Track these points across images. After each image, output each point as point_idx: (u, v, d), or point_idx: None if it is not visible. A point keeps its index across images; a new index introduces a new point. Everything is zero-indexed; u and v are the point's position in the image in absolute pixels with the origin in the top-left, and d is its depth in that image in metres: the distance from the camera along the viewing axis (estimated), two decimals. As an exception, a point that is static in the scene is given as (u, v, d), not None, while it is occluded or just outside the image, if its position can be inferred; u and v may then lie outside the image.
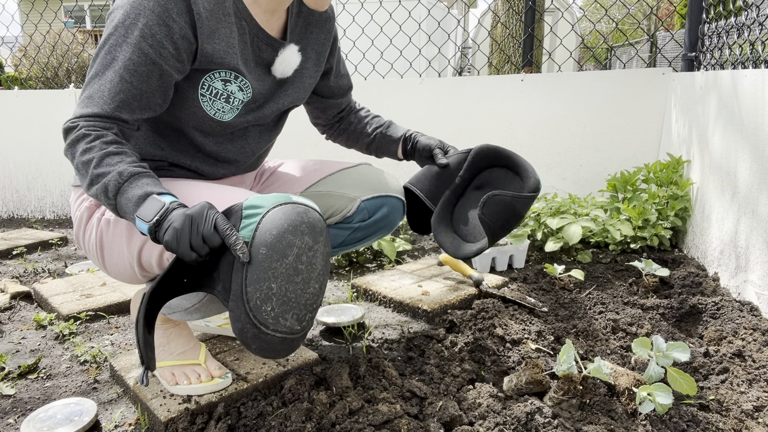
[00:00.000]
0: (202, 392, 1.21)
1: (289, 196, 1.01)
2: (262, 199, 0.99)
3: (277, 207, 0.97)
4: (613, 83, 2.83)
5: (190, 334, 1.33)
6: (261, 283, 0.93)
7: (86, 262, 2.40)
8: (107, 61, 1.06)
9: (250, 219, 0.97)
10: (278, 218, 0.96)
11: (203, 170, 1.28)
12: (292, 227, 0.96)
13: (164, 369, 1.26)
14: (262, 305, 0.94)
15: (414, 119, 3.05)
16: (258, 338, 0.95)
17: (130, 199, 0.99)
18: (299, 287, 0.97)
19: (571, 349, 1.20)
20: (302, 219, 0.98)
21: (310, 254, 0.98)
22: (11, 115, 3.36)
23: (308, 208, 1.01)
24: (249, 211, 0.97)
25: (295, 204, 0.99)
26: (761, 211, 1.63)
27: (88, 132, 1.04)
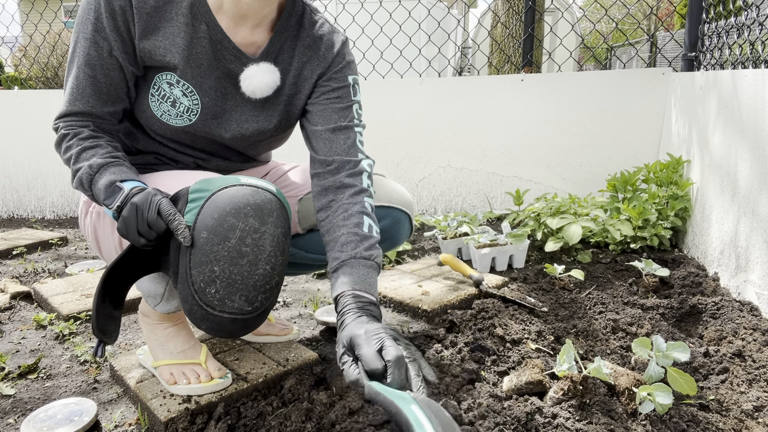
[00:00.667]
0: (201, 392, 1.21)
1: (238, 179, 0.99)
2: (209, 182, 0.98)
3: (221, 190, 0.96)
4: (613, 83, 2.83)
5: (191, 333, 1.33)
6: (203, 266, 0.93)
7: (86, 262, 2.40)
8: (72, 59, 1.11)
9: (195, 203, 0.97)
10: (221, 201, 0.95)
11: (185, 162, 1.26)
12: (235, 210, 0.94)
13: (163, 368, 1.26)
14: (206, 287, 0.94)
15: (414, 119, 3.05)
16: (206, 319, 0.96)
17: (100, 189, 1.04)
18: (245, 269, 0.95)
19: (571, 349, 1.20)
20: (247, 201, 0.96)
21: (256, 236, 0.95)
22: (11, 115, 3.36)
23: (257, 189, 0.98)
24: (194, 195, 0.97)
25: (240, 186, 0.97)
26: (761, 211, 1.63)
27: (66, 132, 1.10)
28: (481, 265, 2.10)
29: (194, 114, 1.16)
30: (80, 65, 1.09)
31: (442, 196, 3.10)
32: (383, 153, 3.10)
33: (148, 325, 1.31)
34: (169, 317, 1.30)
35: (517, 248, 2.13)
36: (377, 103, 3.07)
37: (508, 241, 2.12)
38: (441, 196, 3.10)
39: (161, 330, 1.30)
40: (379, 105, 3.07)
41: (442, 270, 2.09)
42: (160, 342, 1.29)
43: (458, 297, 1.80)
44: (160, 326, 1.30)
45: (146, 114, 1.16)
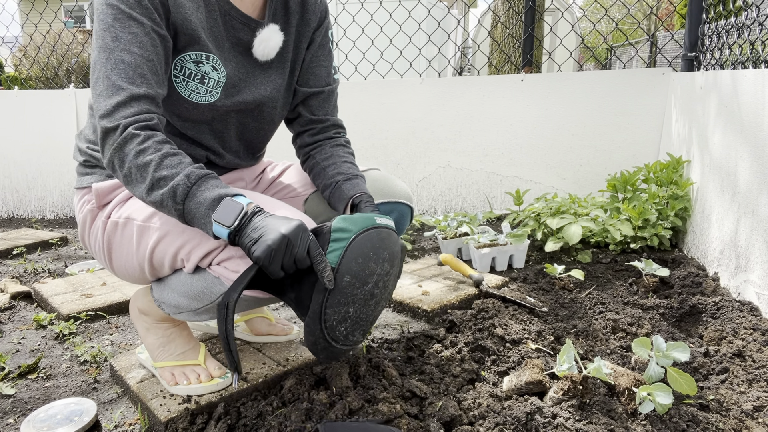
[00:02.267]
0: (201, 392, 1.21)
1: (374, 219, 1.02)
2: (350, 222, 1.00)
3: (363, 233, 0.99)
4: (613, 83, 2.83)
5: (190, 334, 1.33)
6: (340, 307, 0.99)
7: (86, 262, 2.40)
8: (106, 43, 1.00)
9: (338, 243, 0.98)
10: (364, 246, 0.98)
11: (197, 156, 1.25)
12: (376, 255, 1.00)
13: (164, 369, 1.26)
14: (337, 326, 1.00)
15: (414, 119, 3.05)
16: (327, 350, 1.03)
17: (202, 202, 0.95)
18: (371, 309, 1.03)
19: (571, 349, 1.20)
20: (385, 245, 1.01)
21: (386, 279, 1.03)
22: (11, 115, 3.36)
23: (390, 231, 1.03)
24: (337, 234, 0.98)
25: (379, 229, 1.01)
26: (761, 211, 1.63)
27: (136, 132, 0.97)
28: (481, 265, 2.10)
29: (220, 86, 1.16)
30: (125, 46, 0.99)
31: (442, 196, 3.10)
32: (383, 153, 3.10)
33: (144, 323, 1.30)
34: (172, 318, 1.29)
35: (517, 248, 2.13)
36: (377, 103, 3.07)
37: (508, 241, 2.12)
38: (441, 196, 3.10)
39: (161, 331, 1.29)
40: (379, 105, 3.07)
41: (442, 270, 2.09)
42: (160, 343, 1.29)
43: (458, 297, 1.80)
44: (160, 327, 1.30)
45: (172, 98, 1.13)
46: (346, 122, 1.53)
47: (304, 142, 1.36)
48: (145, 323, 1.30)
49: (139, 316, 1.31)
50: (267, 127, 1.33)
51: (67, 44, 6.34)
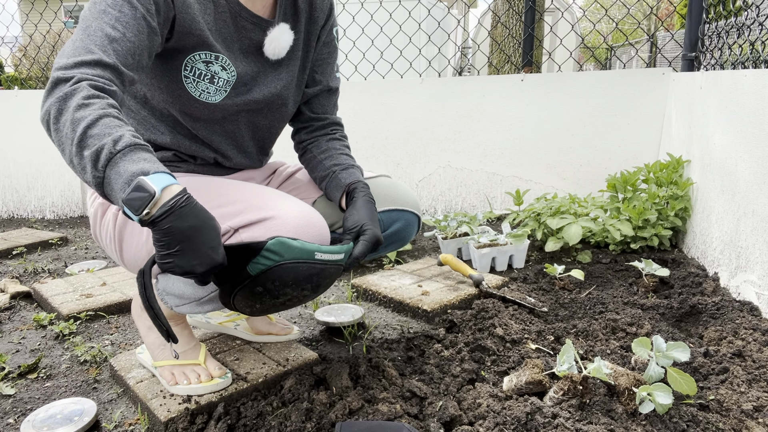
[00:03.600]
0: (201, 392, 1.21)
1: (312, 254, 0.99)
2: (285, 249, 0.97)
3: (290, 263, 0.97)
4: (613, 83, 2.83)
5: (191, 334, 1.33)
6: (248, 301, 1.02)
7: (86, 262, 2.40)
8: (91, 16, 0.98)
9: (266, 260, 0.96)
10: (286, 275, 0.98)
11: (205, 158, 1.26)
12: (295, 284, 1.01)
13: (164, 368, 1.26)
14: (244, 308, 1.04)
15: (414, 119, 3.05)
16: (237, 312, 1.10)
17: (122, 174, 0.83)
18: (279, 307, 1.07)
19: (571, 349, 1.20)
20: (311, 279, 1.02)
21: (302, 296, 1.05)
22: (11, 115, 3.36)
23: (325, 266, 1.02)
24: (268, 254, 0.96)
25: (311, 265, 1.00)
26: (761, 210, 1.63)
27: (89, 88, 0.88)
28: (481, 265, 2.10)
29: (230, 85, 1.18)
30: (109, 20, 0.96)
31: (442, 196, 3.10)
32: (383, 153, 3.10)
33: (146, 321, 1.30)
34: (174, 316, 1.29)
35: (517, 248, 2.13)
36: (377, 103, 3.07)
37: (508, 241, 2.12)
38: (441, 196, 3.10)
39: None
40: (379, 105, 3.07)
41: (442, 270, 2.09)
42: (161, 342, 1.29)
43: (458, 297, 1.80)
44: None
45: (182, 99, 1.15)
46: (346, 122, 1.53)
47: (301, 139, 1.40)
48: (148, 322, 1.30)
49: (140, 315, 1.32)
50: (277, 125, 1.35)
51: (67, 44, 6.33)
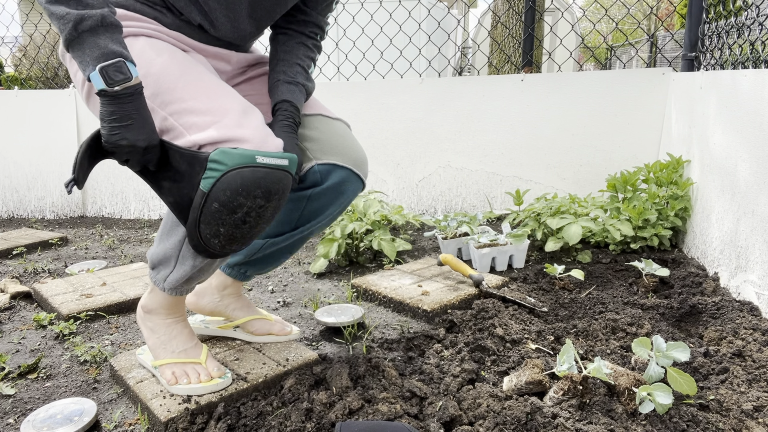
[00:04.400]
0: (201, 392, 1.21)
1: (254, 158, 1.03)
2: (227, 156, 1.02)
3: (235, 170, 1.02)
4: (613, 83, 2.83)
5: (192, 333, 1.33)
6: (211, 226, 1.05)
7: (86, 262, 2.40)
8: None
9: (212, 172, 1.02)
10: (234, 182, 1.02)
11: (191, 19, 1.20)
12: (245, 191, 1.03)
13: (165, 367, 1.26)
14: (211, 239, 1.07)
15: (414, 119, 3.05)
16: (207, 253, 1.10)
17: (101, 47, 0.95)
18: (245, 231, 1.08)
19: (571, 349, 1.20)
20: (258, 184, 1.04)
21: (260, 210, 1.06)
22: (11, 115, 3.36)
23: (270, 170, 1.05)
24: (212, 164, 1.02)
25: (255, 168, 1.03)
26: (761, 210, 1.63)
27: None
28: (481, 265, 2.10)
29: None
30: None
31: (442, 196, 3.10)
32: (383, 153, 3.10)
33: (149, 322, 1.31)
34: (174, 309, 1.29)
35: (517, 248, 2.13)
36: (377, 103, 3.07)
37: (508, 241, 2.12)
38: (441, 196, 3.10)
39: (164, 328, 1.29)
40: (379, 105, 3.07)
41: (442, 270, 2.09)
42: (162, 341, 1.29)
43: (458, 297, 1.80)
44: (163, 323, 1.29)
45: None
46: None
47: (278, 24, 1.35)
48: (150, 323, 1.30)
49: (144, 317, 1.31)
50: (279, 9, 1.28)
51: (67, 44, 6.33)
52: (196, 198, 1.04)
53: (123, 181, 3.35)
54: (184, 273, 1.21)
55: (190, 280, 1.23)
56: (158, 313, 1.30)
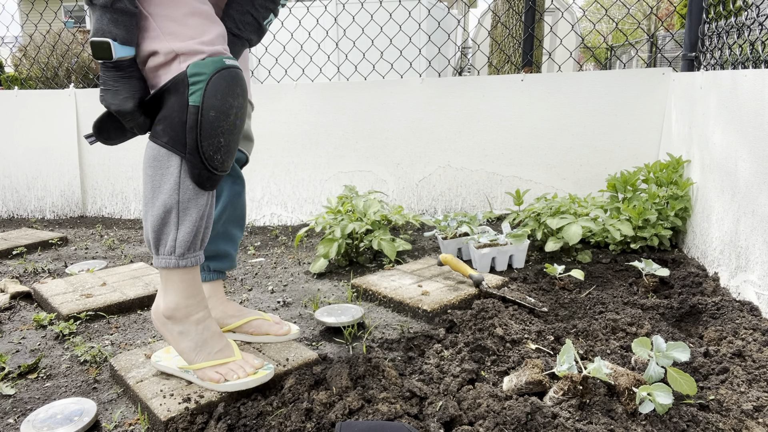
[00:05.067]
0: (253, 385, 1.22)
1: (222, 60, 1.15)
2: (203, 66, 1.13)
3: (216, 74, 1.13)
4: (613, 83, 2.83)
5: (220, 331, 1.30)
6: (213, 139, 1.15)
7: (86, 262, 2.40)
8: None
9: (197, 85, 1.12)
10: (220, 84, 1.13)
11: None
12: (231, 91, 1.15)
13: (206, 370, 1.24)
14: (214, 155, 1.16)
15: (414, 119, 3.05)
16: (211, 179, 1.19)
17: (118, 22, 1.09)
18: (235, 137, 1.19)
19: (571, 349, 1.20)
20: (237, 82, 1.16)
21: (242, 111, 1.19)
22: (11, 115, 3.36)
23: (238, 70, 1.18)
24: (194, 78, 1.12)
25: (229, 69, 1.15)
26: (761, 210, 1.63)
27: None
28: (481, 265, 2.10)
29: None
30: None
31: (442, 196, 3.10)
32: (383, 153, 3.10)
33: (176, 327, 1.25)
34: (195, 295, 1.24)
35: (517, 248, 2.13)
36: (377, 103, 3.07)
37: (508, 241, 2.12)
38: (441, 196, 3.10)
39: (194, 332, 1.25)
40: (379, 105, 3.07)
41: (442, 270, 2.09)
42: (195, 345, 1.25)
43: (458, 297, 1.80)
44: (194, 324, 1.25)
45: None
46: (346, 122, 1.52)
47: None
48: (178, 327, 1.25)
49: (165, 324, 1.26)
50: None
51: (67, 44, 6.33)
52: (190, 116, 1.13)
53: (123, 181, 3.35)
54: (192, 224, 1.18)
55: (197, 233, 1.20)
56: (184, 310, 1.23)
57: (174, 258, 1.20)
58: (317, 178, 3.13)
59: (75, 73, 6.35)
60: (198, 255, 1.23)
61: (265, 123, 3.10)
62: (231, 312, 1.48)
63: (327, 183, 3.13)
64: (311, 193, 3.14)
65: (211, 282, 1.46)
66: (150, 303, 1.90)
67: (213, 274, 1.47)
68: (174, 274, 1.22)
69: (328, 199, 2.50)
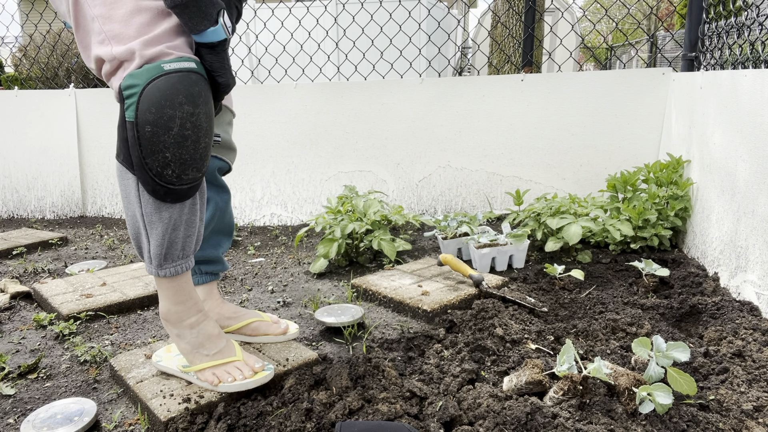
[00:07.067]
0: (251, 387, 1.22)
1: (161, 67, 1.03)
2: (137, 77, 1.02)
3: (150, 83, 1.02)
4: (613, 83, 2.83)
5: (221, 332, 1.30)
6: (156, 155, 1.05)
7: (86, 262, 2.40)
8: None
9: (130, 99, 1.03)
10: (153, 95, 1.02)
11: None
12: (168, 100, 1.02)
13: (204, 371, 1.24)
14: (162, 171, 1.06)
15: (414, 119, 3.05)
16: (170, 193, 1.09)
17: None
18: (191, 149, 1.07)
19: (571, 349, 1.20)
20: (177, 90, 1.03)
21: (193, 119, 1.06)
22: (11, 115, 3.36)
23: (182, 73, 1.04)
24: (127, 91, 1.03)
25: (168, 75, 1.03)
26: (761, 210, 1.63)
27: None
28: (481, 265, 2.10)
29: None
30: None
31: (442, 196, 3.10)
32: (383, 153, 3.10)
33: (174, 329, 1.26)
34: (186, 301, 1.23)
35: (517, 248, 2.13)
36: (377, 103, 3.07)
37: (508, 241, 2.12)
38: (441, 196, 3.10)
39: (189, 331, 1.25)
40: (379, 105, 3.07)
41: (442, 270, 2.09)
42: (193, 346, 1.25)
43: (458, 297, 1.80)
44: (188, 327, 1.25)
45: None
46: (346, 122, 1.51)
47: None
48: (176, 329, 1.26)
49: (166, 326, 1.27)
50: None
51: (67, 44, 6.33)
52: (129, 132, 1.04)
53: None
54: (160, 237, 1.14)
55: (172, 245, 1.15)
56: (175, 315, 1.24)
57: (153, 268, 1.18)
58: (317, 178, 3.13)
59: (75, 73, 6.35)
60: (179, 264, 1.18)
61: (265, 123, 3.10)
62: (228, 314, 1.47)
63: (327, 183, 3.13)
64: (311, 193, 3.14)
65: (203, 285, 1.46)
66: (150, 303, 1.91)
67: (205, 277, 1.46)
68: (160, 282, 1.22)
69: (328, 199, 2.50)
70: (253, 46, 4.42)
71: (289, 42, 3.34)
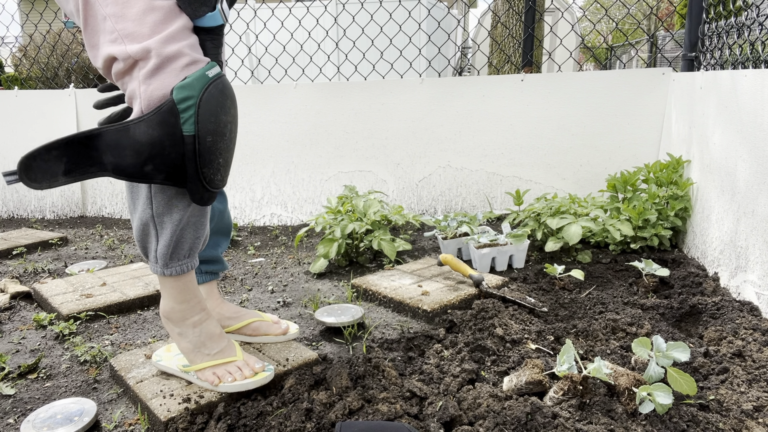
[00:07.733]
0: (251, 387, 1.22)
1: (206, 75, 1.06)
2: (189, 88, 1.04)
3: (205, 92, 1.05)
4: (613, 83, 2.83)
5: (222, 332, 1.31)
6: (212, 163, 1.09)
7: (86, 262, 2.40)
8: None
9: (187, 112, 1.04)
10: (210, 104, 1.05)
11: None
12: (222, 107, 1.08)
13: (205, 371, 1.24)
14: (214, 177, 1.11)
15: (414, 119, 3.06)
16: (213, 197, 1.14)
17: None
18: (233, 149, 1.15)
19: (571, 349, 1.20)
20: (225, 95, 1.09)
21: (235, 121, 1.14)
22: (11, 115, 3.36)
23: (220, 78, 1.09)
24: (183, 104, 1.03)
25: (214, 83, 1.07)
26: (761, 210, 1.63)
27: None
28: (481, 265, 2.10)
29: None
30: None
31: (442, 196, 3.10)
32: (383, 153, 3.10)
33: (176, 328, 1.26)
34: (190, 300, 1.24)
35: (517, 248, 2.13)
36: (377, 103, 3.07)
37: (508, 241, 2.12)
38: (441, 196, 3.10)
39: (191, 330, 1.26)
40: (379, 105, 3.07)
41: (442, 270, 2.09)
42: (194, 345, 1.26)
43: (458, 297, 1.80)
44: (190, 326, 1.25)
45: None
46: (346, 122, 1.51)
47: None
48: (177, 328, 1.26)
49: (168, 325, 1.27)
50: None
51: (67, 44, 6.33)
52: (187, 147, 1.05)
53: (122, 182, 3.35)
54: (168, 237, 1.16)
55: (180, 245, 1.18)
56: (178, 313, 1.25)
57: (159, 267, 1.20)
58: (317, 178, 3.13)
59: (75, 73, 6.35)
60: (185, 263, 1.20)
61: (265, 123, 3.10)
62: (228, 314, 1.47)
63: (327, 183, 3.13)
64: (311, 193, 3.14)
65: (204, 284, 1.47)
66: (150, 303, 1.91)
67: (205, 276, 1.47)
68: (165, 281, 1.23)
69: (328, 199, 2.50)
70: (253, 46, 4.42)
71: (289, 42, 3.34)
